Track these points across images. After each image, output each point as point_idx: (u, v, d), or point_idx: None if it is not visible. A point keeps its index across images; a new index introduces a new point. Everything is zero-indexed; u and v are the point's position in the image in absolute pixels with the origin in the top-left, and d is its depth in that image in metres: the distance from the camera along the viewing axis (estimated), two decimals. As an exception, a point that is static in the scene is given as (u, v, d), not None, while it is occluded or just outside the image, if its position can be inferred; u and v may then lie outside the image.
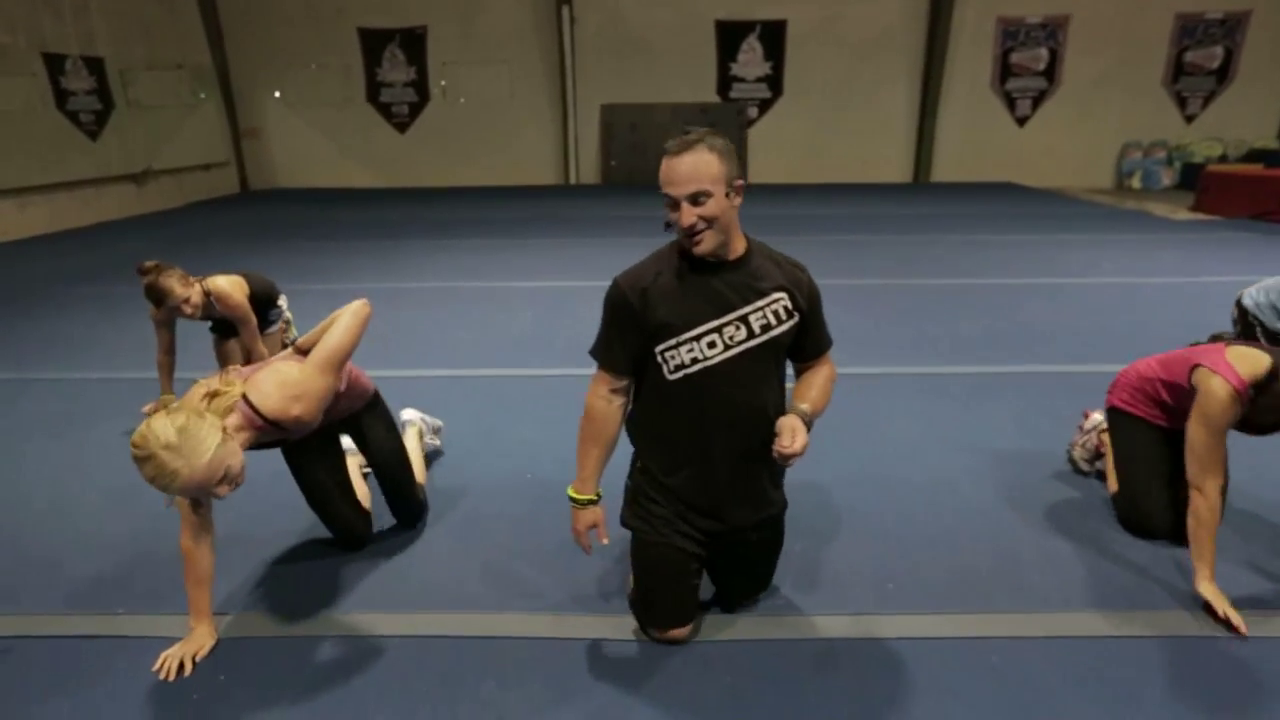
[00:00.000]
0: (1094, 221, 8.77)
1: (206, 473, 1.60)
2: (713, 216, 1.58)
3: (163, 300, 3.07)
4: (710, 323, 1.67)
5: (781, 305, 1.71)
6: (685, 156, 1.57)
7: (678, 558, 1.80)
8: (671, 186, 1.59)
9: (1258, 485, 2.58)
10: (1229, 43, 12.47)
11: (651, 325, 1.67)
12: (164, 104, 11.16)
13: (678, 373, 1.69)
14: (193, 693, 1.73)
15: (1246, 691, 1.70)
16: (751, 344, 1.69)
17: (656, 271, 1.70)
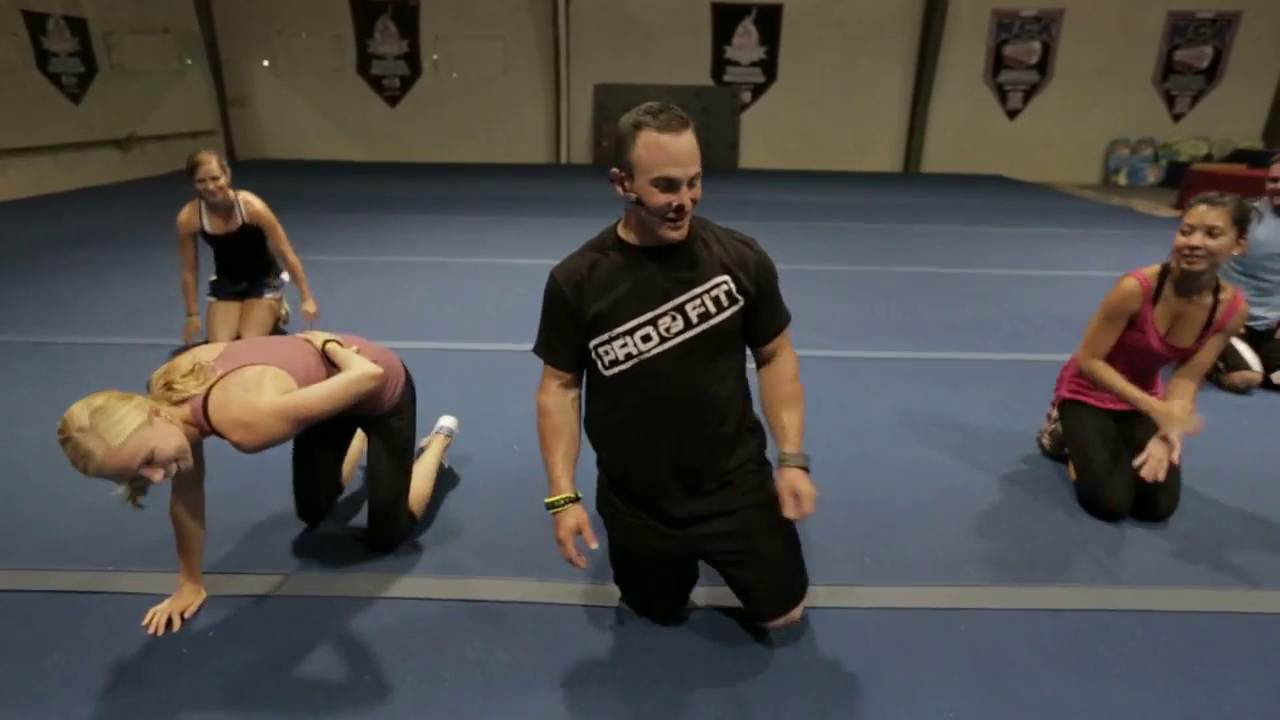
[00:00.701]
0: (1081, 216, 8.87)
1: (126, 456, 1.52)
2: (698, 198, 1.50)
3: (195, 169, 3.43)
4: (644, 315, 1.57)
5: (723, 290, 1.59)
6: (685, 135, 1.45)
7: (644, 552, 1.76)
8: (675, 167, 1.44)
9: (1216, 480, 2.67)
10: (1218, 43, 12.57)
11: (586, 319, 1.59)
12: (149, 69, 10.96)
13: (613, 369, 1.61)
14: (183, 647, 1.76)
15: (1208, 663, 1.78)
16: (690, 334, 1.58)
17: (592, 262, 1.61)
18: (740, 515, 1.71)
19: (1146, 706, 1.64)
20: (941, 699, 1.66)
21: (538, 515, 2.33)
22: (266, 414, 1.65)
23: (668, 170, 1.45)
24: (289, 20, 12.72)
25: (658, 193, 1.47)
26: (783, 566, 1.77)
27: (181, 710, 1.59)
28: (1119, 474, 2.37)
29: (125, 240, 6.43)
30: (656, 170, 1.45)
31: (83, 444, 1.50)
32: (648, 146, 1.45)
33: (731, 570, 1.76)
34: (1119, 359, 2.43)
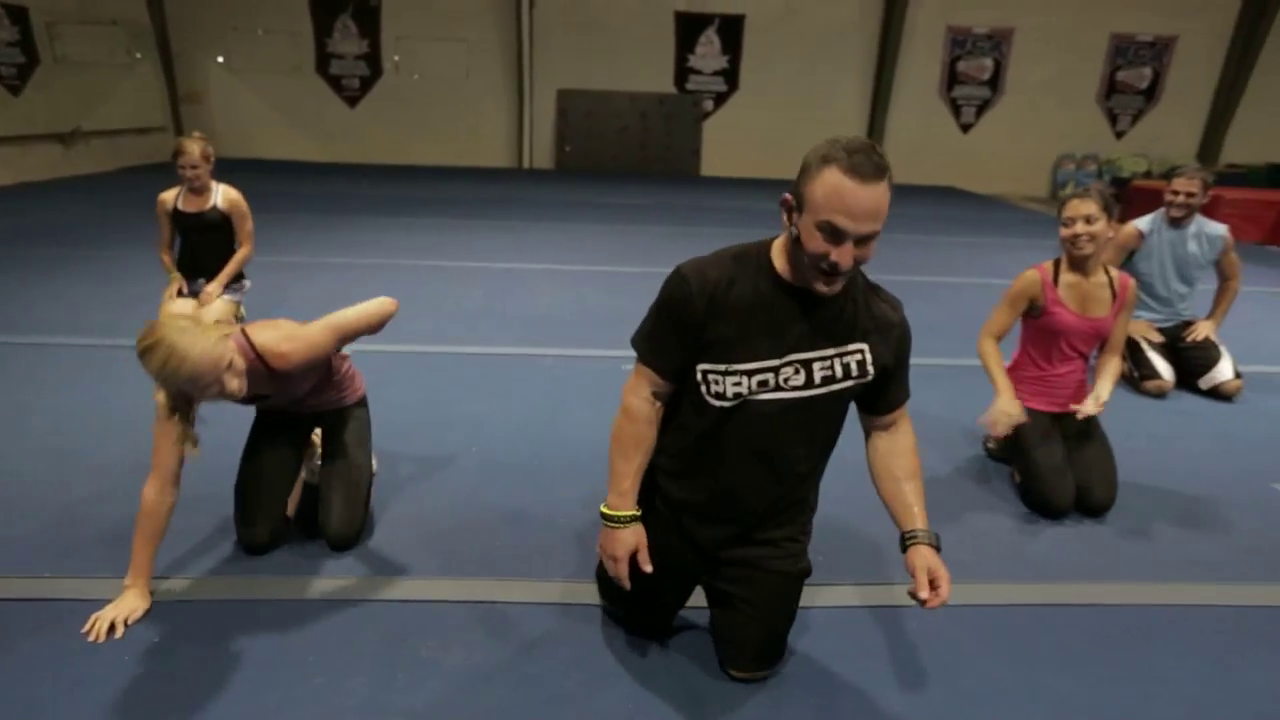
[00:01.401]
0: (1030, 227, 9.16)
1: (215, 356, 1.64)
2: (864, 261, 1.34)
3: (178, 154, 3.48)
4: (769, 360, 1.44)
5: (855, 360, 1.47)
6: (877, 186, 1.27)
7: (658, 543, 1.60)
8: (849, 219, 1.27)
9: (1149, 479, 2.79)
10: (1157, 65, 13.15)
11: (708, 338, 1.44)
12: (95, 61, 10.60)
13: (715, 400, 1.48)
14: (124, 654, 1.71)
15: (1143, 652, 1.85)
16: (806, 394, 1.47)
17: (731, 278, 1.43)
18: (766, 574, 1.63)
19: (1086, 695, 1.71)
20: (891, 693, 1.70)
21: (495, 516, 2.34)
22: (307, 328, 1.90)
23: (837, 218, 1.27)
24: (244, 16, 12.45)
25: (820, 239, 1.30)
26: (775, 633, 1.71)
27: (120, 715, 1.54)
28: (1061, 474, 2.47)
29: (69, 238, 6.21)
30: (826, 214, 1.28)
31: (178, 345, 1.59)
32: (826, 185, 1.27)
33: (727, 613, 1.69)
34: (1051, 345, 2.62)
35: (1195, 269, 3.67)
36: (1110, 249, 3.63)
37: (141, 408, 3.00)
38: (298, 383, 2.03)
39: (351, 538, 2.14)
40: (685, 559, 1.66)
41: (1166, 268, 3.66)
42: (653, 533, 1.61)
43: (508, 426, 2.99)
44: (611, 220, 8.05)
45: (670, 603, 1.77)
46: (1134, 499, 2.58)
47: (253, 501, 2.10)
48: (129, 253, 5.58)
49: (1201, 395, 3.62)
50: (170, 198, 3.71)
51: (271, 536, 2.10)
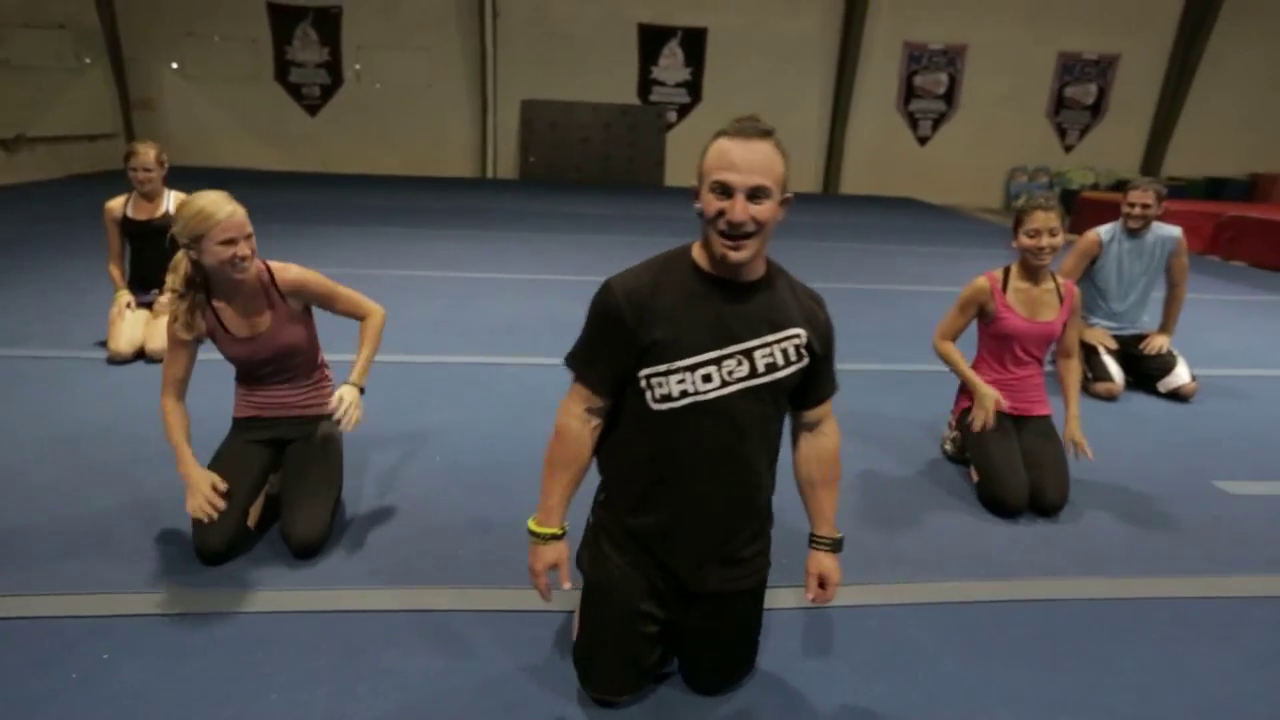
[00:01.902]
0: (984, 237, 9.42)
1: (243, 218, 2.00)
2: (766, 221, 1.34)
3: (130, 156, 3.49)
4: (710, 353, 1.43)
5: (794, 344, 1.47)
6: (757, 143, 1.33)
7: (628, 610, 1.56)
8: (733, 172, 1.32)
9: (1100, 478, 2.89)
10: (1101, 82, 13.69)
11: (643, 344, 1.43)
12: (41, 65, 10.29)
13: (662, 404, 1.45)
14: (71, 671, 1.65)
15: (1094, 644, 1.91)
16: (752, 383, 1.45)
17: (657, 282, 1.44)
18: (738, 599, 1.61)
19: (1038, 687, 1.76)
20: (852, 691, 1.72)
21: (458, 525, 2.32)
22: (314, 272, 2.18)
23: (722, 174, 1.32)
24: (200, 21, 12.22)
25: (714, 200, 1.34)
26: (748, 652, 1.71)
27: (69, 738, 1.49)
28: (1015, 472, 2.54)
29: (11, 248, 5.99)
30: (714, 174, 1.34)
31: (223, 201, 1.97)
32: (713, 151, 1.35)
33: (694, 644, 1.65)
34: (1005, 349, 2.71)
35: (1152, 275, 3.82)
36: (1073, 257, 3.76)
37: (93, 422, 2.91)
38: (286, 325, 2.15)
39: (315, 544, 2.10)
40: (648, 606, 1.57)
41: (1124, 275, 3.80)
42: (605, 588, 1.58)
43: (471, 435, 2.97)
44: (576, 230, 8.06)
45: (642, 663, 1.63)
46: (1085, 498, 2.66)
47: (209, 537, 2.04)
48: (75, 263, 5.41)
49: (1159, 397, 3.76)
50: (119, 205, 3.62)
51: (229, 545, 2.05)
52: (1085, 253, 3.78)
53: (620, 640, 1.58)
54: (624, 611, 1.57)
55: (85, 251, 5.62)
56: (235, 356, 2.18)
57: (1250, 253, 8.08)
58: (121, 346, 3.50)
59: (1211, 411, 3.63)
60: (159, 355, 3.51)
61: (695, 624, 1.61)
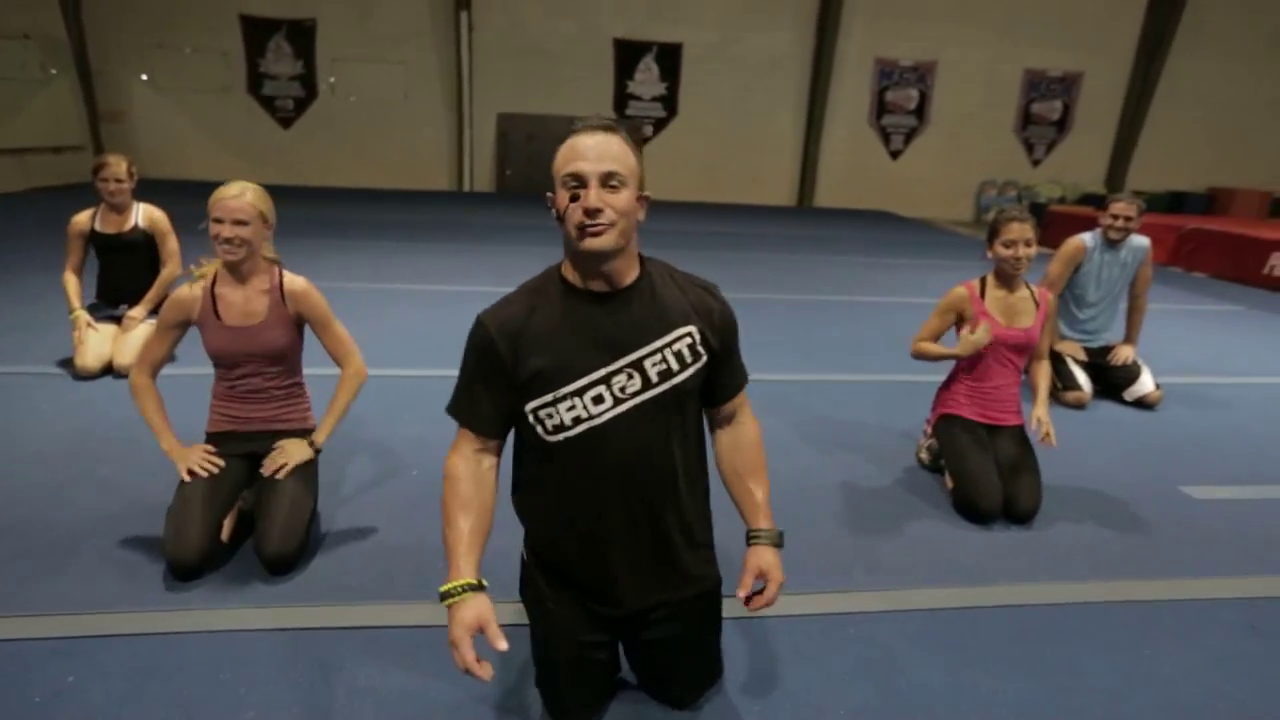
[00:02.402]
0: (955, 249, 9.59)
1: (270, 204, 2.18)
2: (624, 210, 1.28)
3: (101, 168, 3.45)
4: (595, 372, 1.33)
5: (685, 345, 1.38)
6: (601, 135, 1.29)
7: (574, 645, 1.50)
8: (581, 161, 1.26)
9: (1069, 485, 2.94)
10: (1066, 98, 14.05)
11: (523, 376, 1.34)
12: (5, 76, 10.10)
13: (557, 434, 1.36)
14: (34, 695, 1.61)
15: (1064, 648, 1.94)
16: (647, 395, 1.35)
17: (530, 307, 1.36)
18: (686, 607, 1.53)
19: (1010, 692, 1.78)
20: (830, 697, 1.73)
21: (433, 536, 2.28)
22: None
23: (571, 166, 1.27)
24: (170, 33, 12.10)
25: (566, 194, 1.29)
26: (709, 661, 1.66)
27: (32, 763, 1.44)
28: (989, 478, 2.59)
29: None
30: (564, 169, 1.29)
31: (236, 187, 2.10)
32: (562, 150, 1.31)
33: (655, 662, 1.60)
34: (980, 358, 2.75)
35: (1124, 284, 3.91)
36: (1059, 263, 3.84)
37: (57, 438, 2.85)
38: (277, 325, 2.18)
39: (289, 559, 2.07)
40: (592, 637, 1.51)
41: (1101, 284, 3.89)
42: (547, 624, 1.51)
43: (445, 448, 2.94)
44: (553, 243, 8.01)
45: (597, 691, 1.62)
46: (1056, 504, 2.71)
47: (184, 517, 2.03)
48: (38, 276, 5.30)
49: (1125, 405, 3.85)
50: (85, 220, 3.56)
51: (201, 557, 2.02)
52: (1071, 258, 3.85)
53: (573, 675, 1.54)
54: (570, 647, 1.50)
55: (50, 265, 5.48)
56: (217, 347, 2.16)
57: (1210, 264, 8.32)
58: (89, 362, 3.43)
59: (1176, 418, 3.72)
60: (126, 370, 3.45)
61: (648, 638, 1.53)
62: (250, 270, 2.16)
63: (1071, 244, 3.86)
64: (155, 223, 3.60)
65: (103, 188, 3.47)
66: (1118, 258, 3.84)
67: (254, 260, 2.15)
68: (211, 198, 2.08)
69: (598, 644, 1.53)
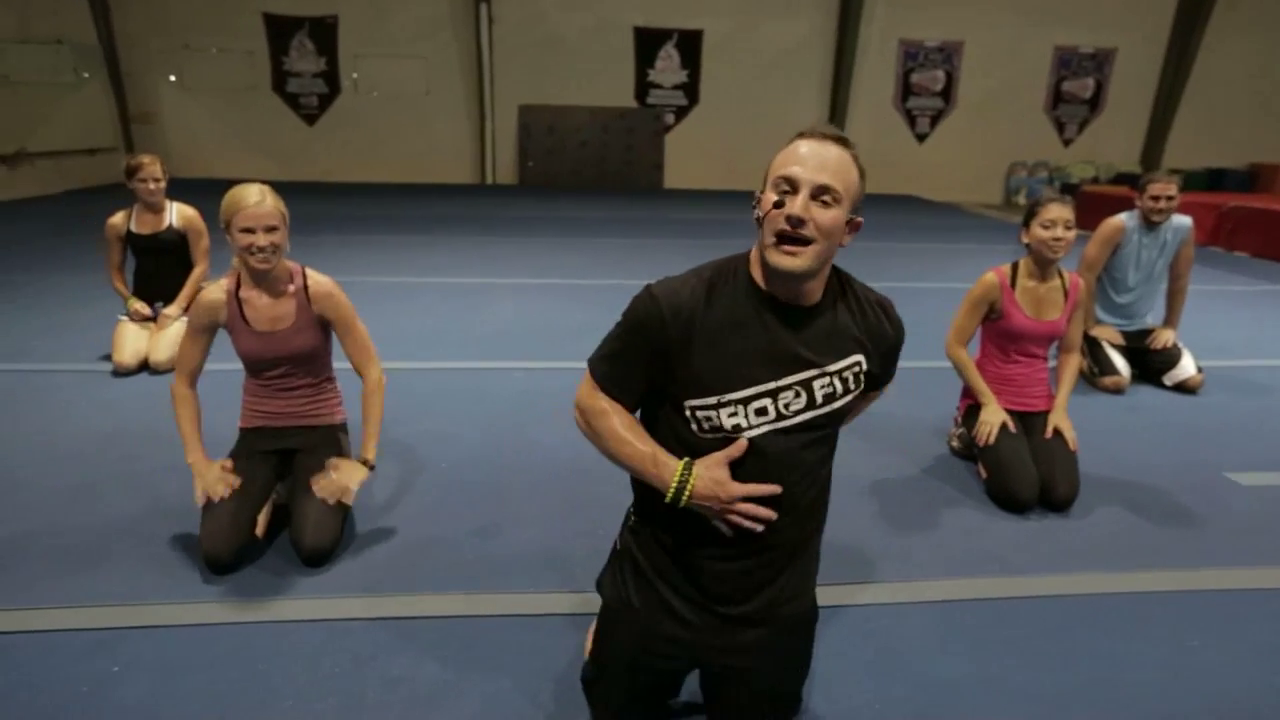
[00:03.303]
0: (985, 232, 9.41)
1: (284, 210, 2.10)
2: (828, 229, 1.19)
3: (137, 169, 3.51)
4: (764, 384, 1.26)
5: (853, 374, 1.32)
6: (833, 147, 1.21)
7: (644, 641, 1.42)
8: (797, 167, 1.19)
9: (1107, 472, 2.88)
10: (1099, 75, 13.67)
11: (686, 369, 1.26)
12: (39, 81, 10.33)
13: (710, 434, 1.29)
14: (81, 686, 1.65)
15: (1097, 640, 1.90)
16: (809, 415, 1.29)
17: (708, 296, 1.27)
18: (776, 631, 1.43)
19: (1045, 683, 1.75)
20: (859, 689, 1.72)
21: (465, 530, 2.32)
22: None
23: (789, 168, 1.19)
24: (197, 35, 12.26)
25: (773, 195, 1.21)
26: (786, 696, 1.54)
27: (78, 752, 1.48)
28: (1024, 466, 2.53)
29: (12, 263, 6.01)
30: (780, 170, 1.21)
31: (255, 191, 2.04)
32: (784, 150, 1.24)
33: (728, 689, 1.48)
34: (1006, 347, 2.72)
35: (1164, 266, 3.79)
36: (1096, 244, 3.74)
37: (96, 434, 2.92)
38: (306, 329, 2.19)
39: (325, 551, 2.10)
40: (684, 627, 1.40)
41: (1141, 266, 3.77)
42: (640, 595, 1.42)
43: (474, 441, 2.97)
44: (575, 234, 8.07)
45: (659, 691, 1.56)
46: (1094, 492, 2.65)
47: (219, 512, 2.06)
48: (75, 277, 5.42)
49: (1165, 390, 3.76)
50: (121, 221, 3.63)
51: (236, 553, 2.05)
52: (1109, 239, 3.73)
53: (631, 672, 1.46)
54: (639, 642, 1.42)
55: (86, 265, 5.63)
56: (248, 351, 2.18)
57: (1252, 243, 8.06)
58: (126, 358, 3.51)
59: (1219, 403, 3.62)
60: (162, 367, 3.52)
61: (727, 660, 1.43)
62: (275, 274, 2.14)
63: (1110, 224, 3.75)
64: (190, 221, 3.66)
65: (140, 188, 3.54)
66: (1157, 238, 3.72)
67: (280, 265, 2.15)
68: (229, 206, 2.02)
69: (667, 648, 1.43)
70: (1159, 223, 3.67)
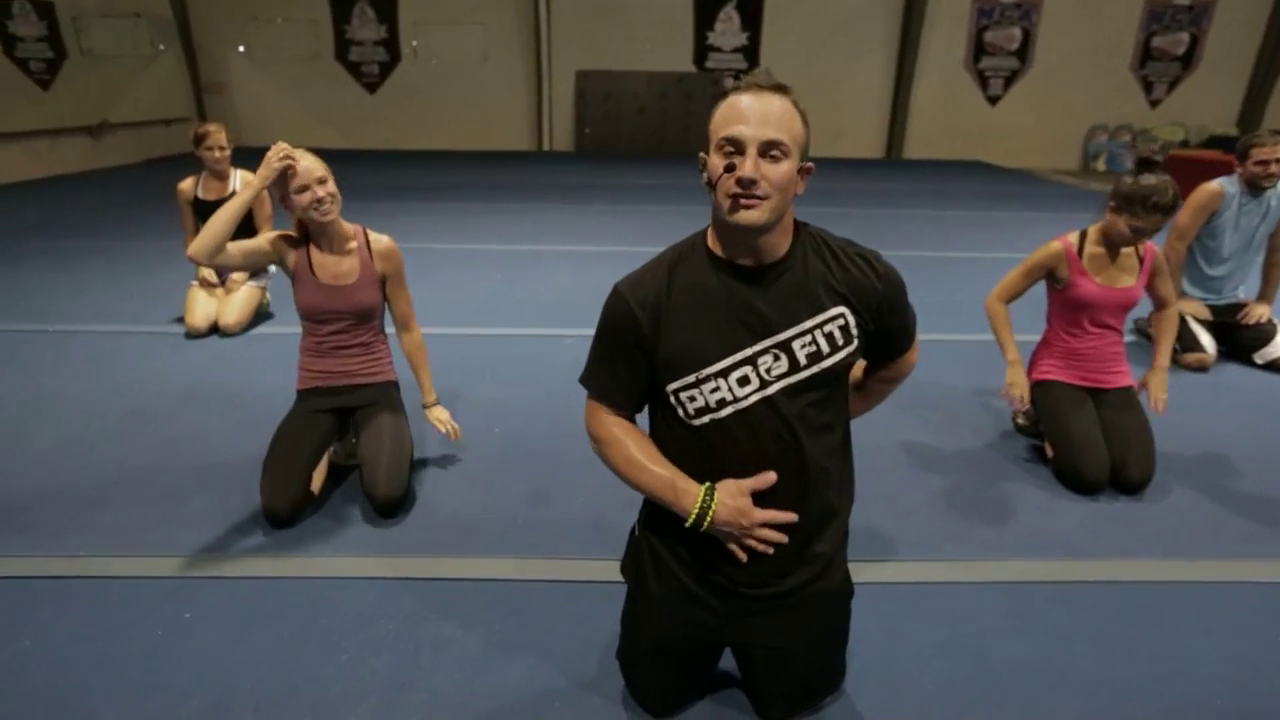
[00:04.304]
0: (1059, 200, 8.94)
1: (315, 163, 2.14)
2: (781, 183, 1.17)
3: (204, 138, 3.65)
4: (740, 352, 1.25)
5: (837, 326, 1.27)
6: (772, 97, 1.17)
7: (664, 634, 1.42)
8: (743, 124, 1.15)
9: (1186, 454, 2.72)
10: (1195, 30, 12.69)
11: (665, 354, 1.27)
12: (120, 54, 10.75)
13: (701, 417, 1.28)
14: (156, 629, 1.74)
15: (1170, 630, 1.81)
16: (796, 378, 1.26)
17: (671, 280, 1.28)
18: (806, 604, 1.40)
19: (1113, 672, 1.67)
20: (918, 670, 1.68)
21: (517, 495, 2.35)
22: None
23: (731, 128, 1.16)
24: (264, 6, 12.52)
25: (721, 159, 1.18)
26: (823, 673, 1.53)
27: (153, 694, 1.57)
28: (1095, 445, 2.42)
29: (96, 229, 6.32)
30: (723, 130, 1.17)
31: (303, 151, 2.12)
32: (722, 107, 1.19)
33: (762, 665, 1.47)
34: (1079, 317, 2.58)
35: (1264, 235, 3.53)
36: (1188, 212, 3.50)
37: (171, 394, 3.06)
38: (368, 286, 2.26)
39: (398, 500, 2.19)
40: (708, 611, 1.40)
41: (1240, 234, 3.52)
42: (661, 584, 1.41)
43: (528, 408, 3.00)
44: (631, 201, 8.00)
45: (692, 682, 1.55)
46: (1171, 474, 2.51)
47: (277, 470, 2.16)
48: (153, 242, 5.67)
49: (1255, 369, 3.53)
50: (189, 186, 3.77)
51: (294, 509, 2.14)
52: (1205, 206, 3.48)
53: (659, 654, 1.46)
54: (662, 627, 1.40)
55: (161, 232, 5.88)
56: (311, 303, 2.24)
57: (1360, 212, 7.43)
58: (198, 321, 3.66)
59: (1313, 384, 3.37)
60: (232, 330, 3.66)
61: (758, 638, 1.42)
62: (337, 230, 2.23)
63: (1206, 190, 3.49)
64: None
65: (207, 156, 3.66)
66: (1261, 205, 3.45)
67: (339, 220, 2.21)
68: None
69: (693, 633, 1.43)
70: (1267, 188, 3.40)
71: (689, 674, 1.53)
